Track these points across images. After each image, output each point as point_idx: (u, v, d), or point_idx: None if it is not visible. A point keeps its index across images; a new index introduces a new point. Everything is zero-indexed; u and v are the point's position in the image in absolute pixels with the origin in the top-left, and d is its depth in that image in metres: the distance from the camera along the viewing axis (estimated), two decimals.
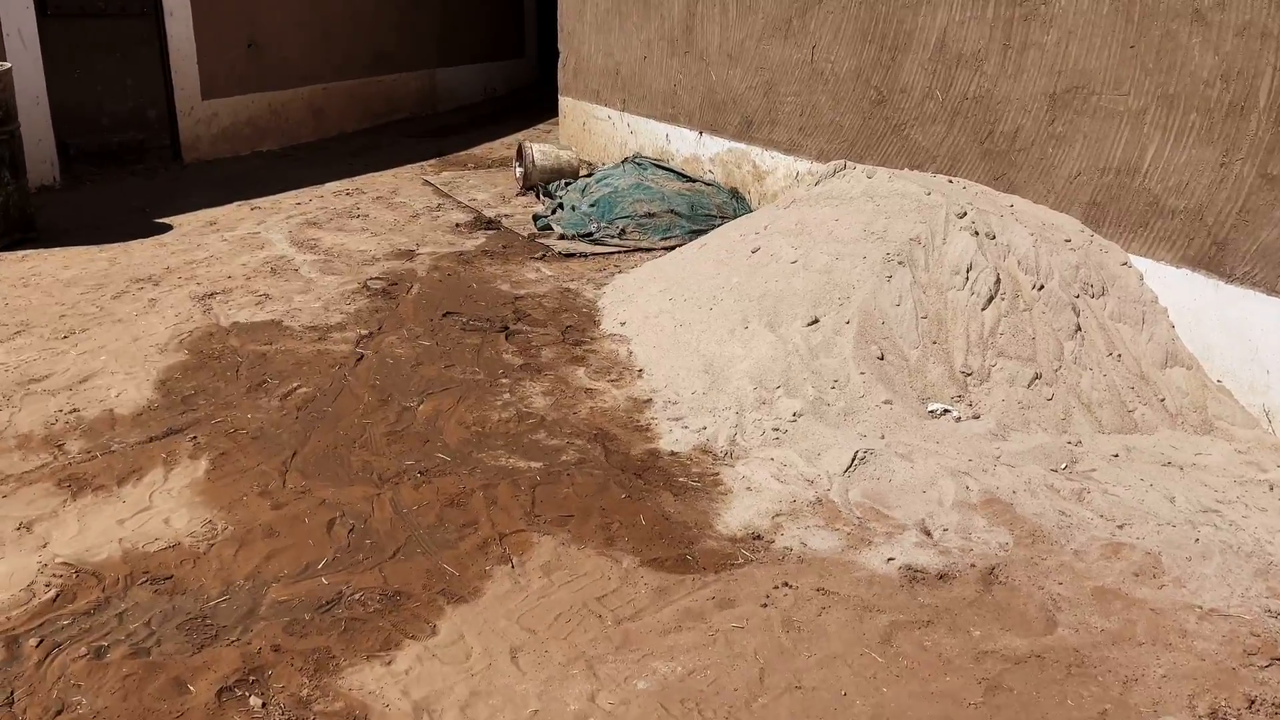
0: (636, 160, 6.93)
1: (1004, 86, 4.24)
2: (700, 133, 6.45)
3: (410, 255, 5.40)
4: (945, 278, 3.79)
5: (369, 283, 4.90)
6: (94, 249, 5.37)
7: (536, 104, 10.60)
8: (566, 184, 6.85)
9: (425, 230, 5.94)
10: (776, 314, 3.87)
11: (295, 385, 3.70)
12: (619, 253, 5.55)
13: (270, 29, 8.06)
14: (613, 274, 5.15)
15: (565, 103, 8.21)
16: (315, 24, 8.50)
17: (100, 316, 4.36)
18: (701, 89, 6.37)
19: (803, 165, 5.54)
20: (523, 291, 4.85)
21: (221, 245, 5.49)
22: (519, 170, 7.29)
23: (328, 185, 7.07)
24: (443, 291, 4.81)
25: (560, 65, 8.20)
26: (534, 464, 3.17)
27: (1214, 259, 3.42)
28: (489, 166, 7.84)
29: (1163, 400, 3.47)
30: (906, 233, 3.94)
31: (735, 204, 6.00)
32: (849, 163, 4.58)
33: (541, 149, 7.03)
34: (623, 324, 4.31)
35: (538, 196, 6.77)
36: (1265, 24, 3.14)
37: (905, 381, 3.54)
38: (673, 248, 5.61)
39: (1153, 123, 3.59)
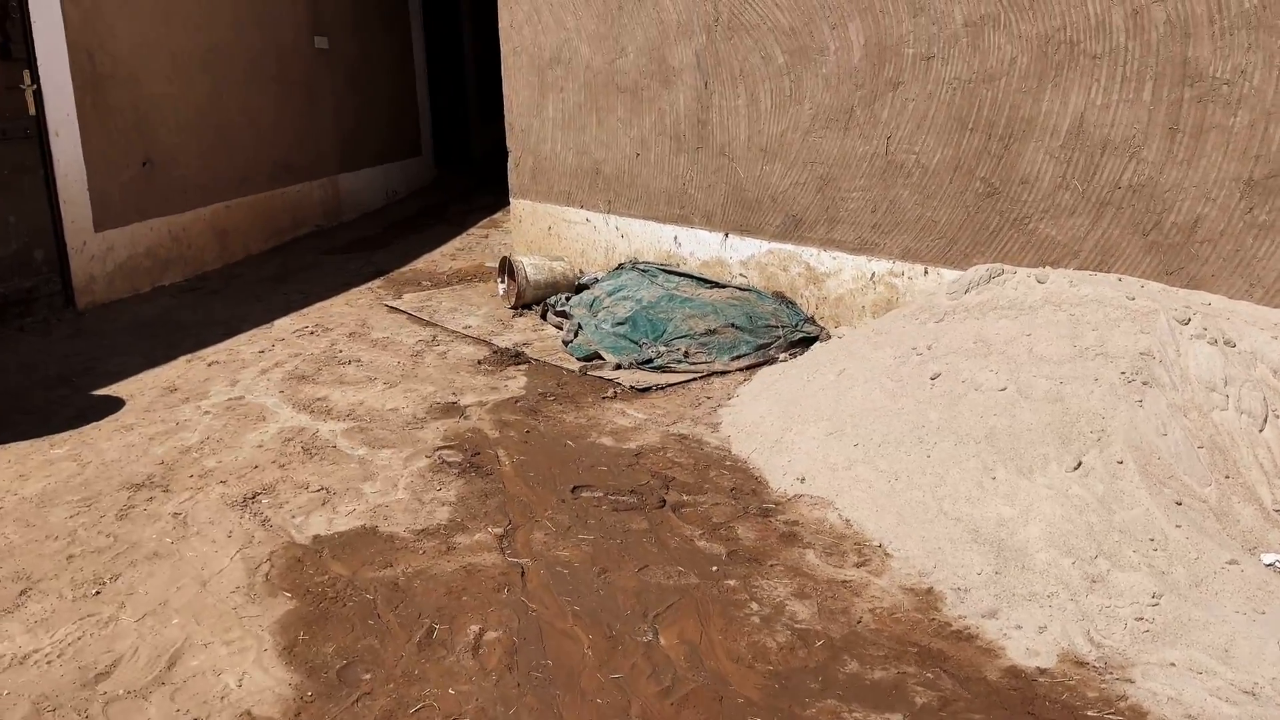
0: (639, 266, 6.24)
1: (1172, 174, 3.88)
2: (726, 234, 5.83)
3: (459, 410, 4.45)
4: (1200, 396, 3.31)
5: (441, 455, 3.93)
6: (39, 443, 4.11)
7: (443, 206, 9.70)
8: (566, 299, 6.05)
9: (445, 373, 4.99)
10: (1020, 456, 3.26)
11: (476, 629, 2.73)
12: (694, 379, 4.81)
13: (165, 143, 6.86)
14: (712, 408, 4.41)
15: (521, 206, 7.41)
16: (212, 134, 7.34)
17: (123, 550, 3.19)
18: (724, 187, 5.78)
19: (880, 265, 5.01)
20: (633, 444, 4.02)
21: (208, 420, 4.35)
22: (503, 287, 6.44)
23: (278, 323, 5.95)
24: (541, 456, 3.91)
25: (512, 166, 7.41)
26: (891, 715, 2.37)
27: None
28: (449, 284, 6.91)
29: None
30: (1131, 346, 3.44)
31: (788, 311, 5.40)
32: (1005, 267, 4.08)
33: (533, 262, 6.22)
34: (802, 480, 3.57)
35: (543, 317, 5.92)
36: None
37: (1218, 529, 2.99)
38: (749, 367, 4.94)
39: None
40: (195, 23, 7.06)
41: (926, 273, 4.82)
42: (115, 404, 4.58)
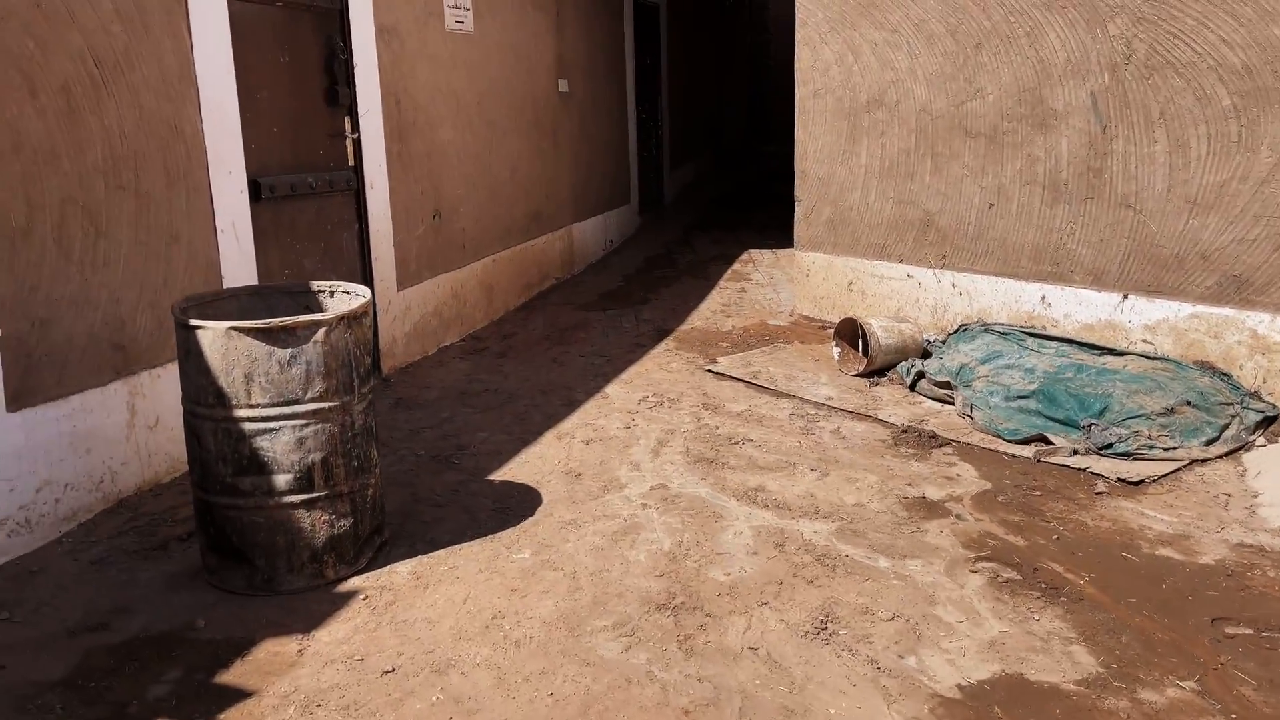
0: (993, 328, 5.62)
1: None
2: (1125, 295, 5.19)
3: (938, 507, 3.82)
4: None
5: (988, 568, 3.29)
6: (489, 543, 3.54)
7: (668, 256, 9.18)
8: (914, 365, 5.42)
9: (866, 456, 4.37)
10: None
11: None
12: (1177, 469, 4.15)
13: (449, 194, 6.39)
14: (1247, 509, 3.73)
15: (812, 259, 6.84)
16: (486, 183, 6.87)
17: (722, 697, 2.58)
18: (1124, 242, 5.15)
19: None
20: (1206, 558, 3.35)
21: (657, 516, 3.75)
22: (837, 351, 5.83)
23: (610, 391, 5.39)
24: (1115, 574, 3.26)
25: (801, 217, 6.86)
26: None
27: None
28: (749, 345, 6.32)
29: None
30: None
31: (1226, 384, 4.73)
32: None
33: (882, 325, 5.61)
34: None
35: (912, 387, 5.30)
36: None
37: None
38: (1228, 454, 4.27)
39: None
40: (473, 63, 6.62)
41: None
42: (531, 494, 4.01)
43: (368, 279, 5.56)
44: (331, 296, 3.57)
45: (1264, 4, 4.46)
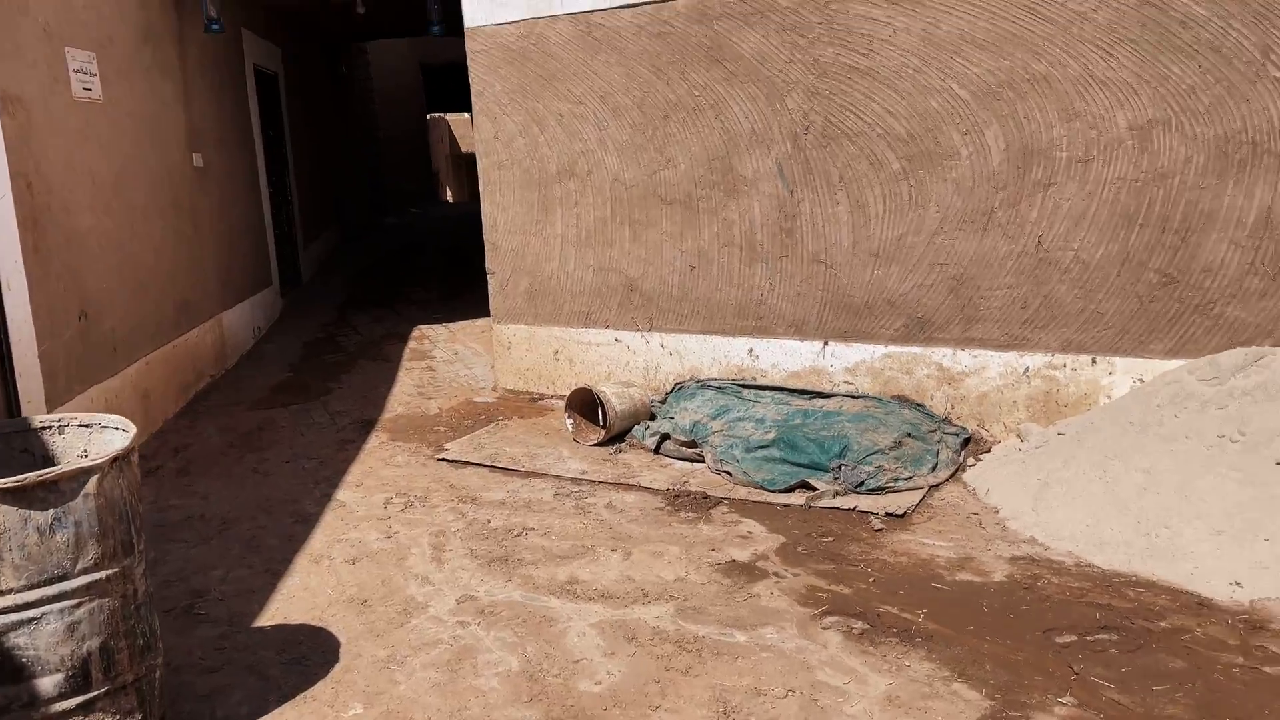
0: (709, 384, 5.87)
1: None
2: (825, 342, 5.66)
3: (752, 569, 3.84)
4: None
5: (840, 623, 3.35)
6: (311, 709, 2.93)
7: (330, 340, 8.50)
8: (647, 427, 5.51)
9: (652, 528, 4.30)
10: None
11: None
12: (922, 498, 4.56)
13: (93, 289, 5.38)
14: (997, 524, 4.19)
15: (512, 332, 6.69)
16: (130, 273, 5.88)
17: None
18: (820, 294, 5.62)
19: (1035, 360, 5.12)
20: (998, 576, 3.70)
21: (501, 637, 3.37)
22: (570, 422, 5.73)
23: (343, 497, 4.81)
24: (944, 606, 3.47)
25: (496, 289, 6.70)
26: None
27: None
28: (468, 428, 6.00)
29: None
30: None
31: (924, 414, 5.33)
32: (1264, 349, 4.33)
33: (615, 391, 5.62)
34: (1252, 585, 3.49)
35: (656, 450, 5.33)
36: None
37: None
38: (951, 477, 4.79)
39: None
40: (106, 137, 5.66)
41: (1094, 362, 4.99)
42: (322, 636, 3.41)
43: (11, 401, 4.47)
44: (61, 433, 2.78)
45: (920, 80, 5.14)
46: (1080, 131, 4.84)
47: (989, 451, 5.08)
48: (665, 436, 5.36)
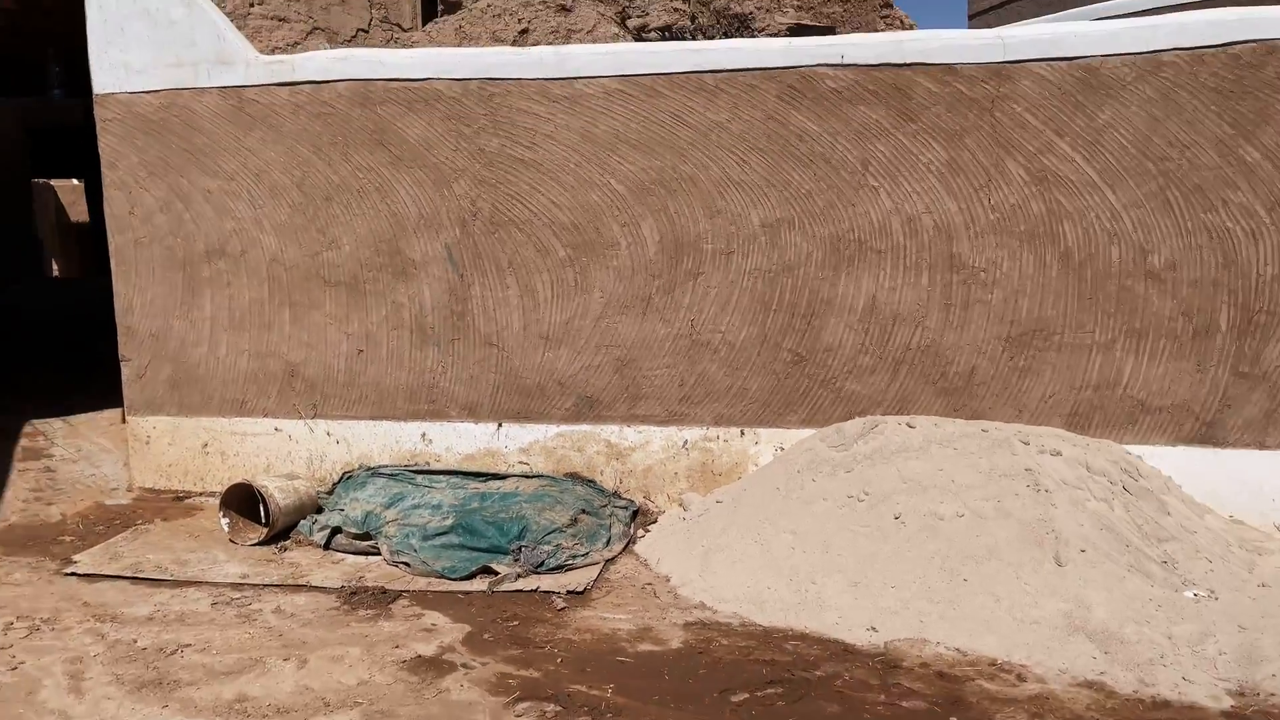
0: (381, 471, 5.75)
1: (950, 336, 5.24)
2: (499, 424, 5.72)
3: (444, 664, 3.76)
4: (1070, 494, 4.60)
5: (534, 708, 3.36)
6: None
7: None
8: (314, 520, 5.27)
9: (330, 630, 4.08)
10: (1026, 565, 4.15)
11: None
12: (600, 574, 4.72)
13: None
14: (670, 591, 4.44)
15: (152, 424, 6.10)
16: None
17: None
18: (493, 377, 5.70)
19: (692, 433, 5.53)
20: (675, 643, 3.92)
21: None
22: (225, 521, 5.31)
23: None
24: (626, 678, 3.60)
25: (131, 378, 6.09)
26: None
27: (1206, 435, 5.00)
28: (103, 534, 5.36)
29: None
30: (1013, 465, 4.61)
31: (595, 489, 5.55)
32: (878, 418, 4.97)
33: (278, 485, 5.30)
34: (884, 627, 3.95)
35: (326, 546, 5.07)
36: (1215, 276, 4.87)
37: (1164, 579, 4.23)
38: (625, 549, 5.03)
39: (1124, 349, 5.04)
40: None
41: (743, 434, 5.49)
42: None
43: None
44: None
45: (582, 174, 5.45)
46: (722, 227, 5.38)
47: (655, 522, 5.38)
48: (336, 530, 5.11)
